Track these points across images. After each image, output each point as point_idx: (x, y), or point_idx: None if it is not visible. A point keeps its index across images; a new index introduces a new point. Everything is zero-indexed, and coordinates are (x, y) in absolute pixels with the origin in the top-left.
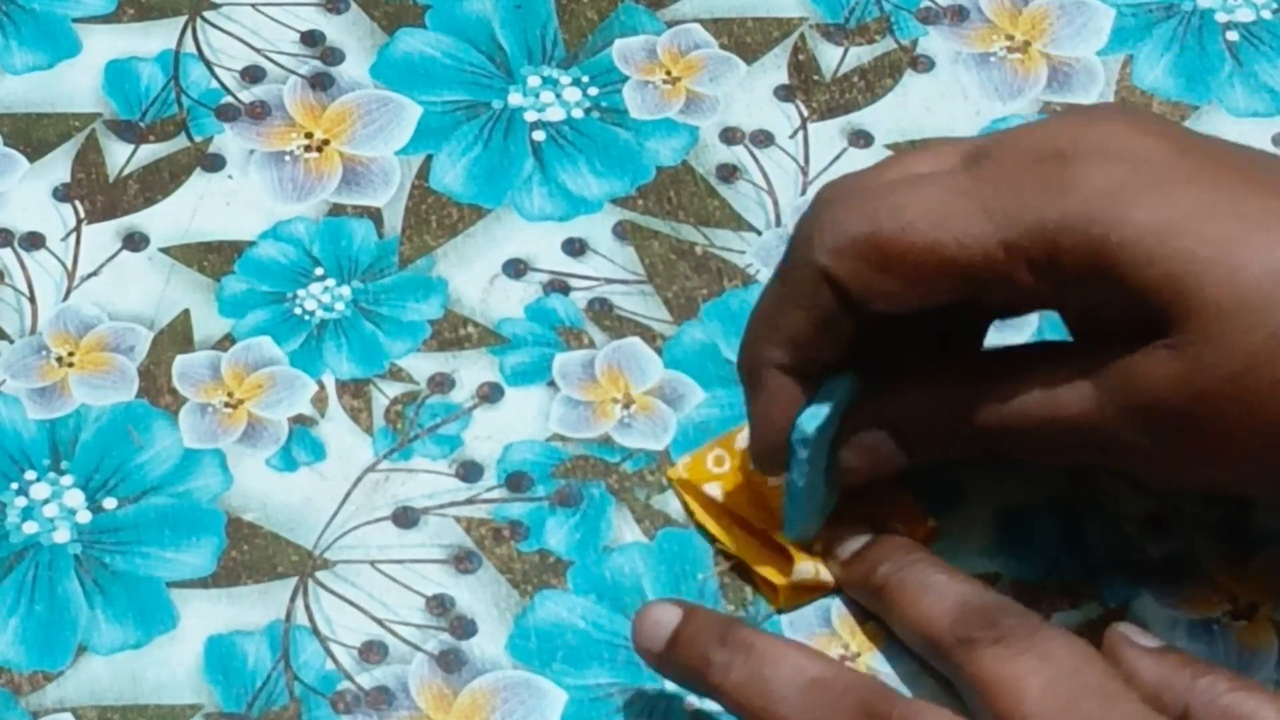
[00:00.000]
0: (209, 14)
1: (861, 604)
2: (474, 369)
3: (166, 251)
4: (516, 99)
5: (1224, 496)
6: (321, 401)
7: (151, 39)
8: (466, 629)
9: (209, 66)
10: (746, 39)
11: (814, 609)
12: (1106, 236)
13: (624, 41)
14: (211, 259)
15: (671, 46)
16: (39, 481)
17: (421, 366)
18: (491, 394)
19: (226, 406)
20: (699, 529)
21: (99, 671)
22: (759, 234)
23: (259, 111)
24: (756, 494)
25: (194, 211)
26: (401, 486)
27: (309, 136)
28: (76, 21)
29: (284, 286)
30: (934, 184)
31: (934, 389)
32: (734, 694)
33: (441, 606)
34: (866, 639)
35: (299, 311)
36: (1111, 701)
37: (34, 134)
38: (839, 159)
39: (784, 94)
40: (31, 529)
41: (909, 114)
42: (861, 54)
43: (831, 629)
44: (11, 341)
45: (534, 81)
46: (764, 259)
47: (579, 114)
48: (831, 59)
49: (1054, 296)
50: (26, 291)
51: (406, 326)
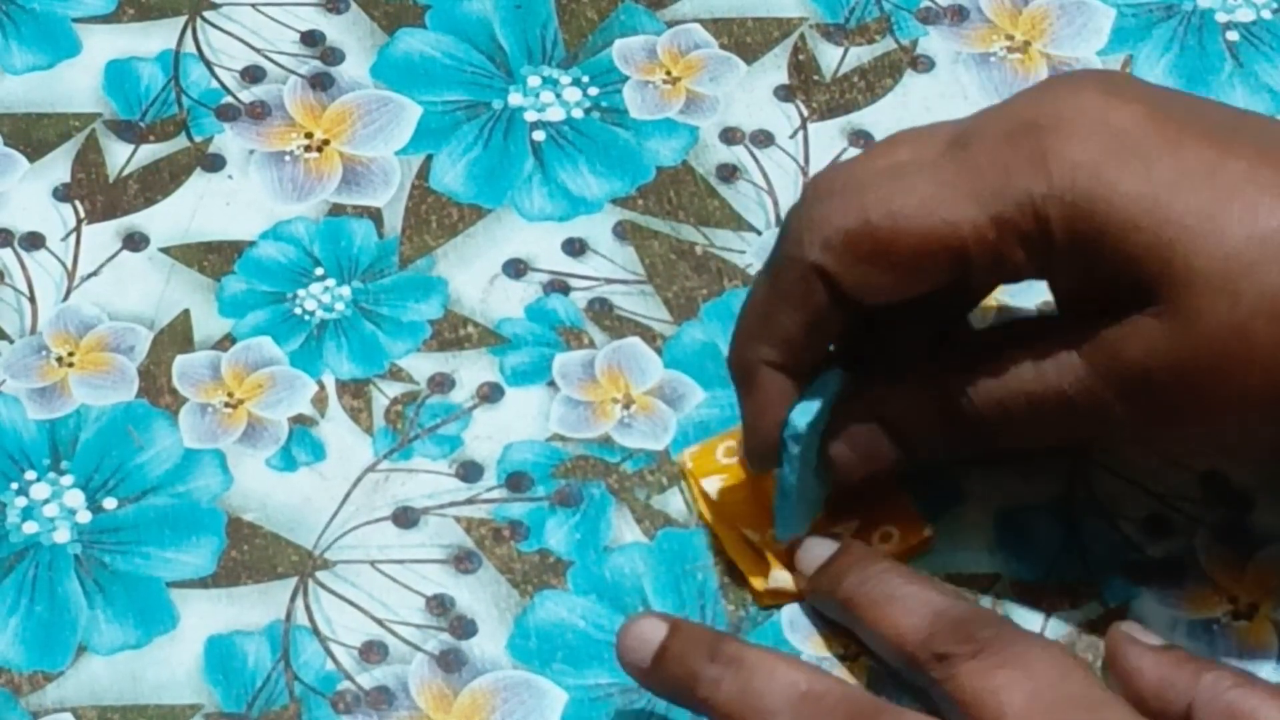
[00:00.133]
0: (209, 14)
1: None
2: (474, 369)
3: (166, 251)
4: (516, 99)
5: (1223, 496)
6: (321, 401)
7: (151, 39)
8: (466, 629)
9: (209, 66)
10: (746, 39)
11: (814, 609)
12: (1093, 207)
13: (624, 41)
14: (211, 259)
15: (671, 46)
16: (39, 481)
17: (421, 366)
18: (491, 394)
19: (226, 406)
20: (699, 517)
21: (99, 671)
22: (759, 234)
23: (259, 111)
24: (755, 492)
25: (194, 211)
26: (401, 486)
27: (309, 136)
28: (76, 21)
29: (284, 286)
30: (920, 171)
31: (923, 377)
32: (725, 709)
33: (441, 606)
34: None
35: (299, 311)
36: (1095, 710)
37: (34, 134)
38: (839, 159)
39: (784, 94)
40: (31, 529)
41: (909, 114)
42: (861, 54)
43: (831, 628)
44: (11, 341)
45: (534, 81)
46: (764, 259)
47: (579, 114)
48: (831, 59)
49: (1045, 270)
50: (26, 291)
51: (406, 326)
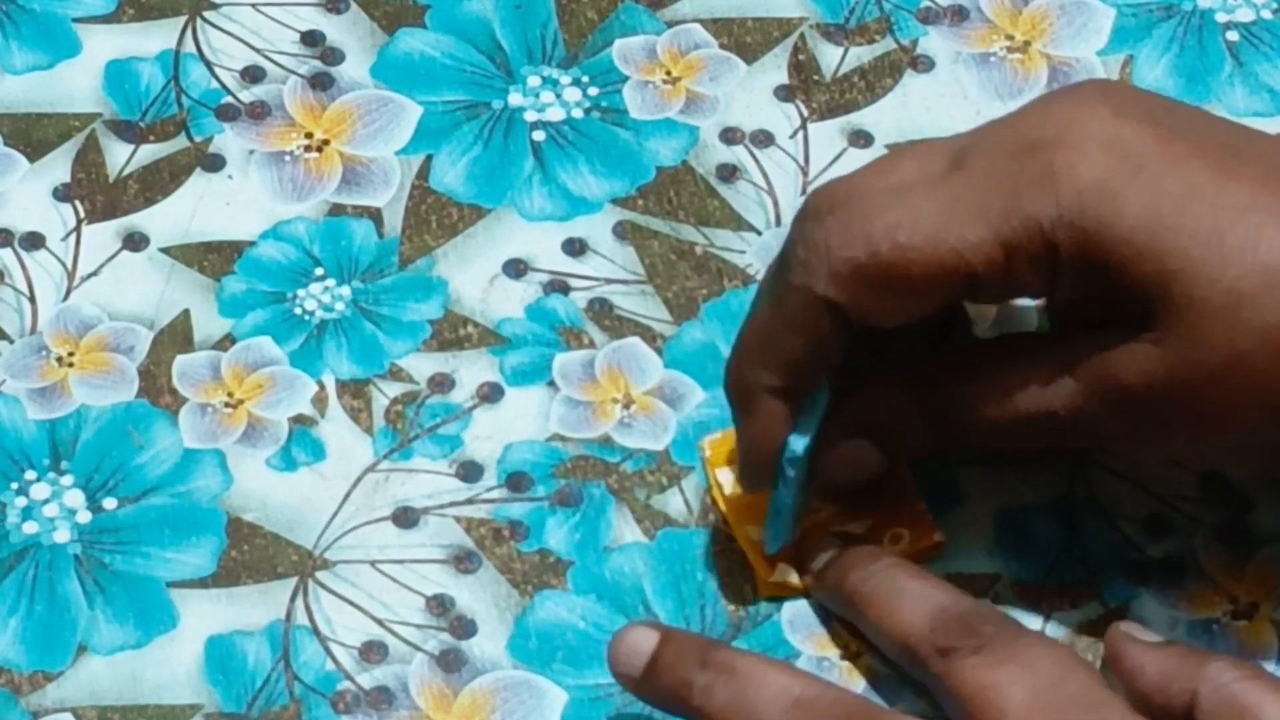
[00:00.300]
0: (209, 14)
1: (836, 613)
2: (474, 369)
3: (166, 251)
4: (516, 99)
5: (1223, 496)
6: (321, 401)
7: (151, 39)
8: (466, 629)
9: (209, 66)
10: (746, 39)
11: (813, 609)
12: (1100, 230)
13: (624, 41)
14: (211, 259)
15: (671, 46)
16: (39, 481)
17: (421, 366)
18: (491, 394)
19: (226, 406)
20: (711, 504)
21: (99, 671)
22: (759, 234)
23: (259, 111)
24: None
25: (194, 211)
26: (401, 486)
27: (309, 136)
28: (76, 21)
29: (284, 286)
30: (925, 193)
31: (909, 390)
32: (719, 717)
33: (441, 606)
34: (865, 639)
35: (299, 311)
36: (1096, 710)
37: (34, 134)
38: (839, 159)
39: (784, 94)
40: (31, 529)
41: (909, 114)
42: (861, 54)
43: (831, 628)
44: (11, 341)
45: (534, 81)
46: (764, 259)
47: (579, 114)
48: (831, 59)
49: (1049, 290)
50: (26, 291)
51: (406, 326)
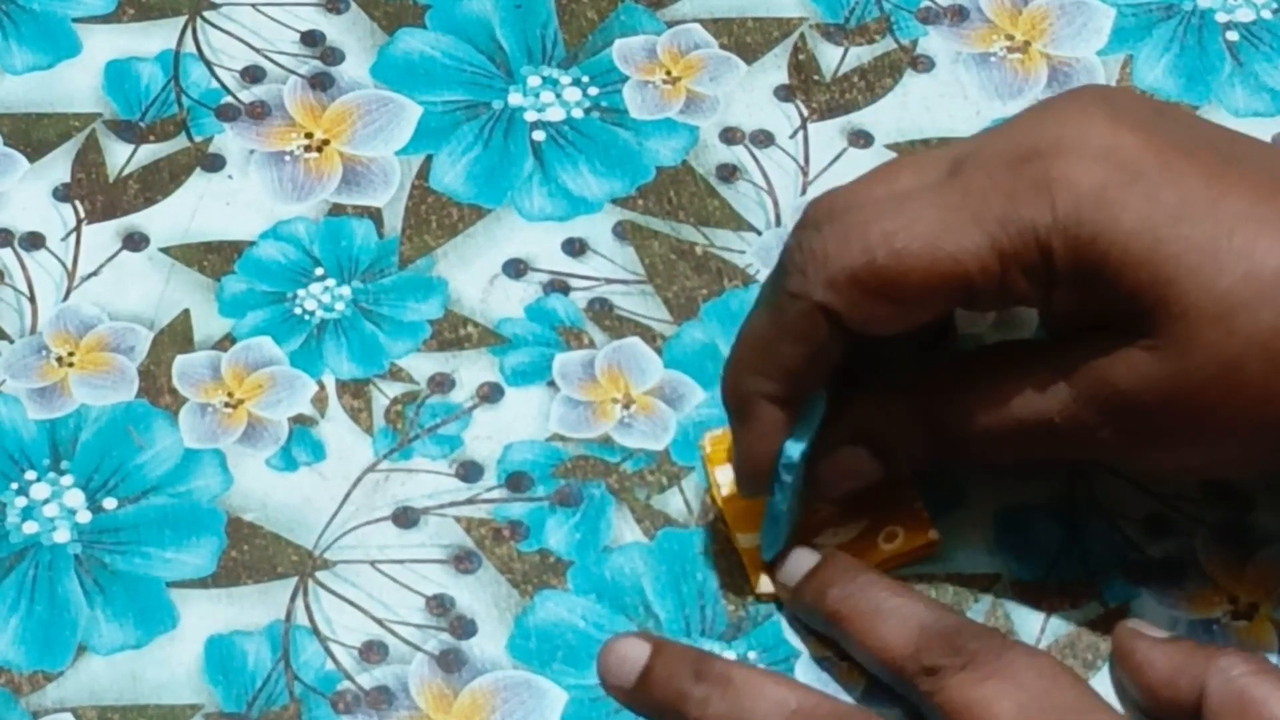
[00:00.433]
0: (209, 14)
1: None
2: (474, 369)
3: (166, 251)
4: (516, 99)
5: (1223, 496)
6: (321, 401)
7: (151, 39)
8: (466, 629)
9: (209, 66)
10: (746, 39)
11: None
12: (1095, 238)
13: (624, 41)
14: (211, 259)
15: (671, 46)
16: (39, 481)
17: (421, 366)
18: (491, 394)
19: (226, 406)
20: (710, 501)
21: (99, 671)
22: (759, 234)
23: (259, 111)
24: None
25: (194, 211)
26: (401, 486)
27: (309, 136)
28: (76, 21)
29: (284, 286)
30: (922, 202)
31: (907, 399)
32: None
33: (441, 606)
34: None
35: (299, 311)
36: (1084, 716)
37: (34, 134)
38: (839, 159)
39: (784, 94)
40: (31, 529)
41: (909, 114)
42: (861, 54)
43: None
44: (11, 341)
45: (534, 81)
46: (764, 259)
47: (579, 114)
48: (831, 59)
49: (1046, 297)
50: (26, 291)
51: (406, 326)
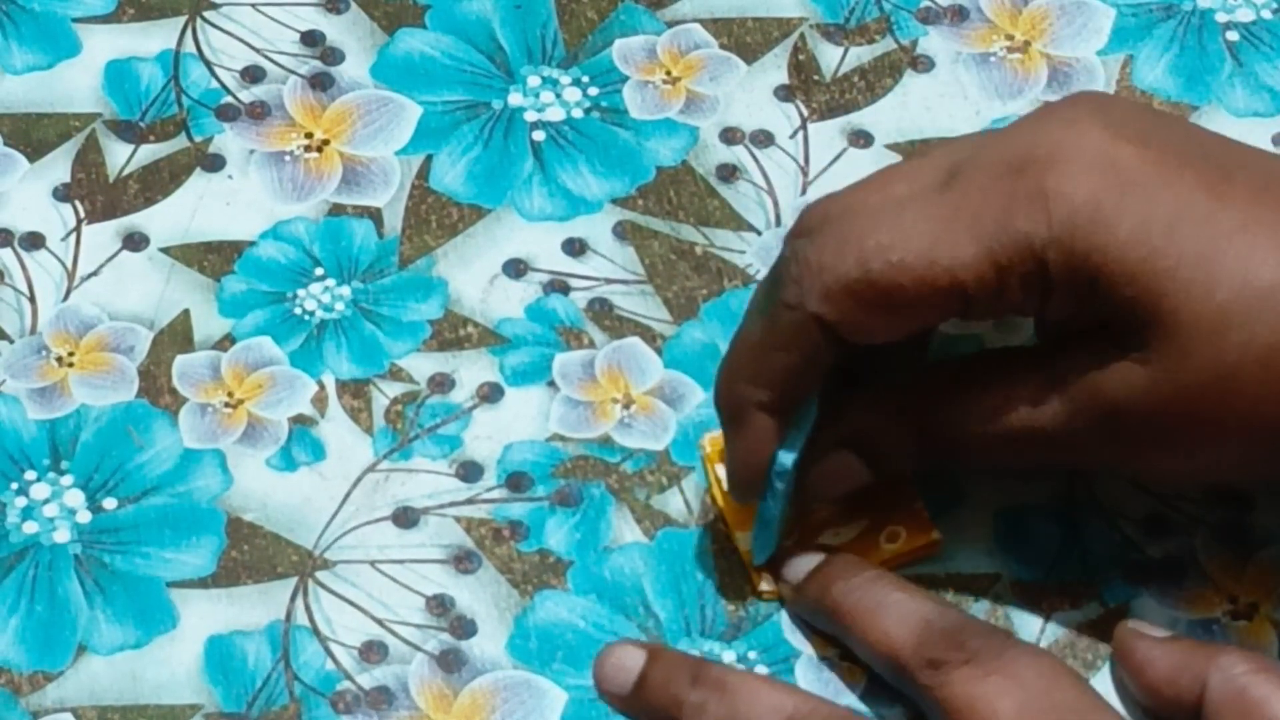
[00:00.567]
0: (209, 14)
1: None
2: (474, 369)
3: (166, 251)
4: (516, 99)
5: (1223, 496)
6: (321, 401)
7: (151, 39)
8: (466, 629)
9: (209, 66)
10: (746, 39)
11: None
12: (1090, 250)
13: (624, 41)
14: (211, 259)
15: (671, 46)
16: (39, 481)
17: (421, 366)
18: (491, 394)
19: (226, 406)
20: (710, 501)
21: (99, 671)
22: (759, 234)
23: (259, 111)
24: None
25: (194, 211)
26: (401, 486)
27: (309, 136)
28: (76, 21)
29: (284, 286)
30: (917, 211)
31: (898, 406)
32: None
33: (441, 606)
34: None
35: (299, 311)
36: (1085, 716)
37: (34, 134)
38: (839, 159)
39: (784, 94)
40: (31, 529)
41: (909, 114)
42: (861, 54)
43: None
44: (11, 341)
45: (534, 81)
46: (764, 259)
47: (579, 114)
48: (831, 59)
49: (1041, 308)
50: (26, 291)
51: (406, 326)
